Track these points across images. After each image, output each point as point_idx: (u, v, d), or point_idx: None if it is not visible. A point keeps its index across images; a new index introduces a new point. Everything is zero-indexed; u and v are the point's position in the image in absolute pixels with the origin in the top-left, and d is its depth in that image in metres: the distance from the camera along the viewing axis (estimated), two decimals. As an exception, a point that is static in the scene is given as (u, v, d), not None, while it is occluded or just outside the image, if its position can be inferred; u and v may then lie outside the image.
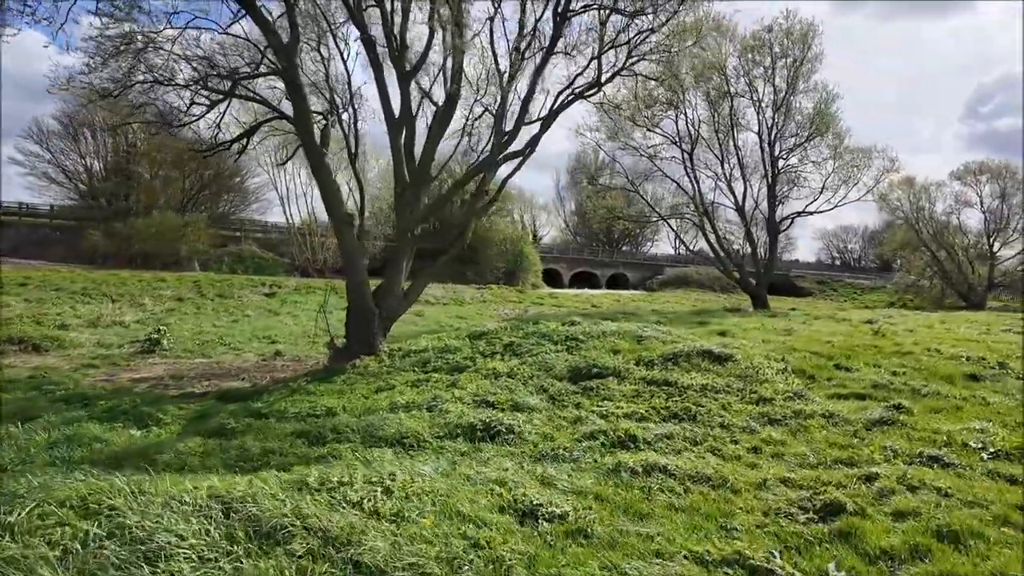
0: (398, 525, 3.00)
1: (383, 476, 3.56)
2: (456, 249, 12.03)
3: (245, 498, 2.81)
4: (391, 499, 3.29)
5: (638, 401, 7.36)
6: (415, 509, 3.26)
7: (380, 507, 3.13)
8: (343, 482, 3.35)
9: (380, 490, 3.34)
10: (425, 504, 3.37)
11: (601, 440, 5.88)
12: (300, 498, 3.02)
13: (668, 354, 9.15)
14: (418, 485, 3.61)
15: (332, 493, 3.21)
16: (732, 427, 6.29)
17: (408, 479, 3.66)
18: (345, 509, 3.02)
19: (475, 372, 9.20)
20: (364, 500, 3.16)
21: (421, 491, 3.54)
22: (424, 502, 3.39)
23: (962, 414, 6.78)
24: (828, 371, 8.71)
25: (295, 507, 2.84)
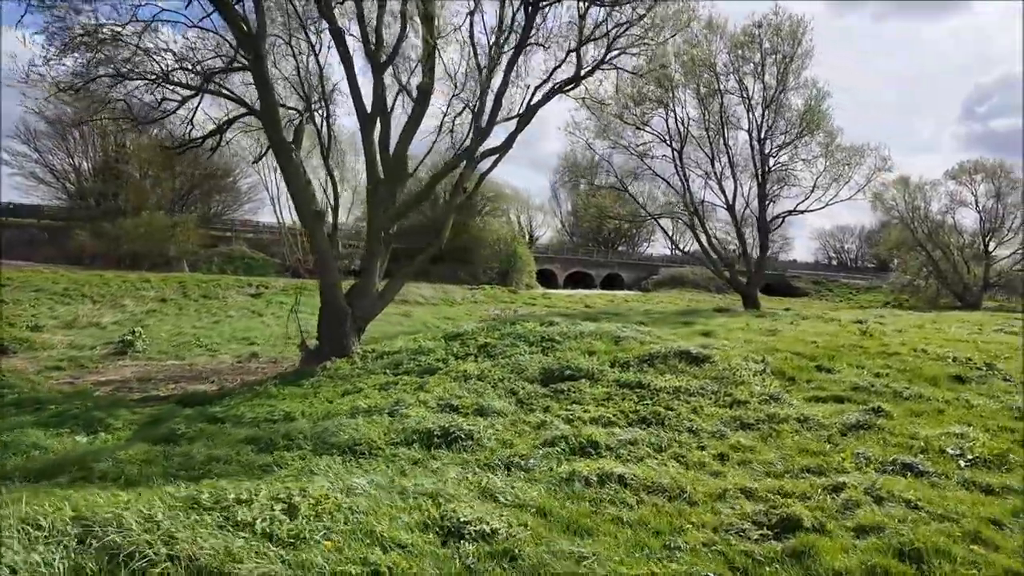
0: (291, 549, 2.70)
1: (292, 492, 3.25)
2: (435, 248, 11.73)
3: (110, 521, 2.51)
4: (295, 518, 2.99)
5: (608, 404, 7.07)
6: (321, 530, 2.96)
7: (276, 529, 2.83)
8: (241, 499, 3.04)
9: (281, 508, 3.04)
10: (336, 523, 3.07)
11: (561, 447, 5.58)
12: (184, 519, 2.72)
13: (644, 355, 8.86)
14: (333, 501, 3.31)
15: (225, 512, 2.90)
16: (701, 432, 5.99)
17: (324, 494, 3.36)
18: (232, 532, 2.72)
19: (445, 374, 8.91)
20: (258, 520, 2.85)
21: (335, 508, 3.24)
22: (335, 521, 3.09)
23: (943, 418, 6.49)
24: (808, 372, 8.43)
25: (167, 530, 2.54)
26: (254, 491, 3.15)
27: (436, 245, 11.65)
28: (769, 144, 20.81)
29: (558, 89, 11.41)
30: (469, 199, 47.56)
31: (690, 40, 20.70)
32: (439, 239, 11.58)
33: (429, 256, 11.70)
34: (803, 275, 63.77)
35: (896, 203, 44.37)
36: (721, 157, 21.83)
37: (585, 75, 11.27)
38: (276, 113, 9.65)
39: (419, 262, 11.51)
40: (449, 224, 11.73)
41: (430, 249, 11.65)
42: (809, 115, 20.11)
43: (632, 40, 11.22)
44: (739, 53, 19.96)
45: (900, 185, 45.13)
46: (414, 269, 11.70)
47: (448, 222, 11.65)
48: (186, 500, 2.98)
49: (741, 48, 19.80)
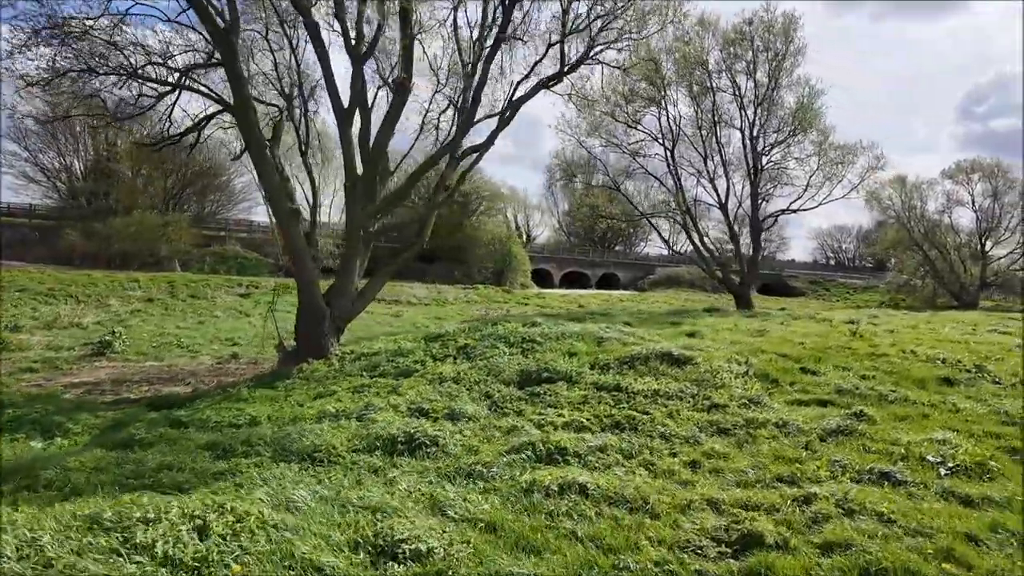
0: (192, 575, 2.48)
1: (209, 508, 3.03)
2: (417, 247, 11.51)
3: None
4: (206, 539, 2.77)
5: (583, 408, 6.84)
6: (234, 552, 2.73)
7: (180, 552, 2.60)
8: (147, 518, 2.81)
9: (191, 527, 2.81)
10: (255, 544, 2.84)
11: (528, 454, 5.35)
12: (75, 542, 2.50)
13: (625, 357, 8.64)
14: (257, 518, 3.08)
15: (126, 533, 2.68)
16: (674, 438, 5.77)
17: (247, 510, 3.13)
18: (126, 556, 2.49)
19: (421, 376, 8.68)
20: (159, 542, 2.63)
21: (259, 526, 3.02)
22: (255, 541, 2.87)
23: (928, 423, 6.27)
24: (793, 375, 8.20)
25: (46, 557, 2.32)
26: (164, 508, 2.92)
27: (419, 244, 11.42)
28: (762, 142, 20.62)
29: (542, 85, 11.18)
30: (464, 198, 47.57)
31: (681, 37, 20.50)
32: (421, 237, 11.35)
33: (412, 255, 11.49)
34: (800, 275, 63.62)
35: (893, 202, 44.18)
36: (714, 156, 21.65)
37: (568, 70, 11.04)
38: (250, 109, 9.42)
39: (401, 260, 11.31)
40: (431, 222, 11.50)
41: (413, 248, 11.43)
42: (801, 113, 19.88)
43: (616, 34, 10.99)
44: (731, 50, 19.74)
45: (897, 184, 44.96)
46: (395, 268, 11.48)
47: (430, 220, 11.42)
48: (86, 519, 2.75)
49: (733, 45, 19.57)
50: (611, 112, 20.63)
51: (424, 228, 11.38)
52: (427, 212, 11.44)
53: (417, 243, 11.36)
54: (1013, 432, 5.96)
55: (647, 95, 20.76)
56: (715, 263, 22.56)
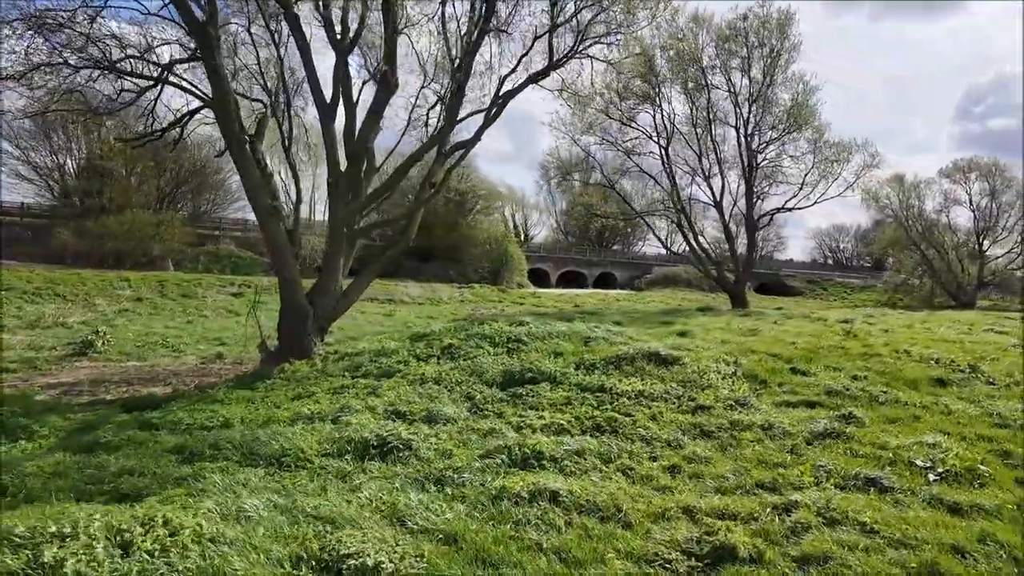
0: (101, 597, 2.29)
1: (135, 521, 2.82)
2: (402, 245, 11.30)
3: None
4: (128, 556, 2.57)
5: (565, 410, 6.65)
6: (160, 570, 2.53)
7: (92, 572, 2.41)
8: (62, 533, 2.62)
9: (110, 544, 2.61)
10: (184, 561, 2.64)
11: (503, 458, 5.16)
12: (-23, 560, 2.31)
13: (612, 357, 8.44)
14: (193, 531, 2.88)
15: (35, 551, 2.48)
16: (656, 441, 5.57)
17: (182, 523, 2.93)
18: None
19: (403, 377, 8.48)
20: (71, 561, 2.43)
21: (194, 540, 2.82)
22: (185, 558, 2.67)
23: (919, 425, 6.08)
24: (782, 375, 8.01)
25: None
26: (85, 522, 2.72)
27: (404, 241, 11.22)
28: (757, 140, 20.40)
29: (530, 79, 10.97)
30: (460, 197, 47.35)
31: (675, 34, 20.29)
32: (407, 235, 11.14)
33: (397, 253, 11.29)
34: (798, 274, 63.50)
35: (890, 201, 44.03)
36: (709, 154, 21.43)
37: (557, 64, 10.83)
38: (229, 104, 9.20)
39: (386, 259, 11.10)
40: (418, 219, 11.29)
41: (398, 245, 11.23)
42: (796, 110, 19.68)
43: (605, 28, 10.78)
44: (725, 47, 19.53)
45: (895, 183, 44.82)
46: (381, 266, 11.27)
47: (417, 217, 11.21)
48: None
49: (727, 42, 19.37)
50: (605, 109, 20.43)
51: (410, 225, 11.17)
52: (414, 209, 11.23)
53: (403, 241, 11.16)
54: (1006, 435, 5.77)
55: (641, 92, 20.55)
56: (710, 262, 22.36)
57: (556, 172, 21.63)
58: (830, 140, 20.42)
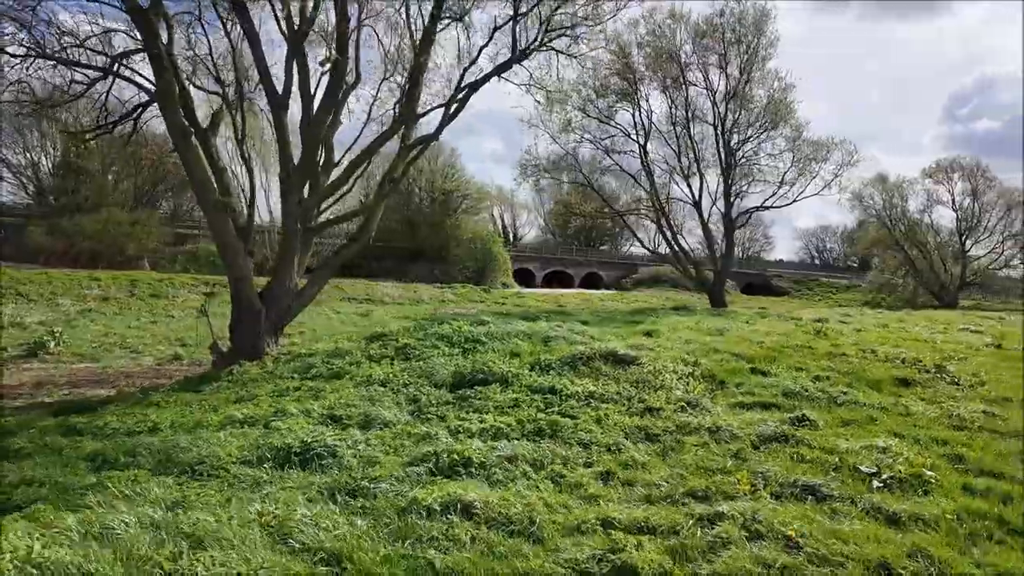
0: None
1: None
2: (361, 242, 10.94)
3: None
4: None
5: (511, 413, 6.34)
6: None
7: None
8: None
9: None
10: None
11: (429, 465, 4.84)
12: None
13: (568, 357, 8.17)
14: (14, 556, 2.55)
15: None
16: (595, 445, 5.28)
17: (12, 545, 2.60)
18: None
19: (351, 379, 8.15)
20: None
21: (12, 566, 2.49)
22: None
23: (874, 427, 5.84)
24: (742, 376, 7.76)
25: None
26: None
27: (363, 238, 10.86)
28: (735, 138, 20.21)
29: (494, 72, 10.66)
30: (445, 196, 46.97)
31: (653, 31, 20.10)
32: (366, 232, 10.79)
33: (355, 251, 10.94)
34: (784, 274, 63.70)
35: (874, 201, 44.24)
36: (688, 152, 21.24)
37: (521, 57, 10.52)
38: (172, 95, 8.82)
39: (344, 256, 10.75)
40: (378, 215, 10.94)
41: (356, 243, 10.87)
42: (773, 107, 19.52)
43: (570, 19, 10.49)
44: (702, 43, 19.34)
45: (878, 183, 45.04)
46: (338, 263, 10.93)
47: (376, 213, 10.86)
48: None
49: (703, 37, 19.18)
50: (583, 107, 20.18)
51: (369, 222, 10.82)
52: (373, 204, 10.88)
53: (361, 238, 10.80)
54: (962, 437, 5.55)
55: (619, 89, 20.32)
56: (689, 261, 22.16)
57: (534, 170, 21.31)
58: (808, 138, 20.30)
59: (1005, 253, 43.95)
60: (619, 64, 19.84)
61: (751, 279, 61.05)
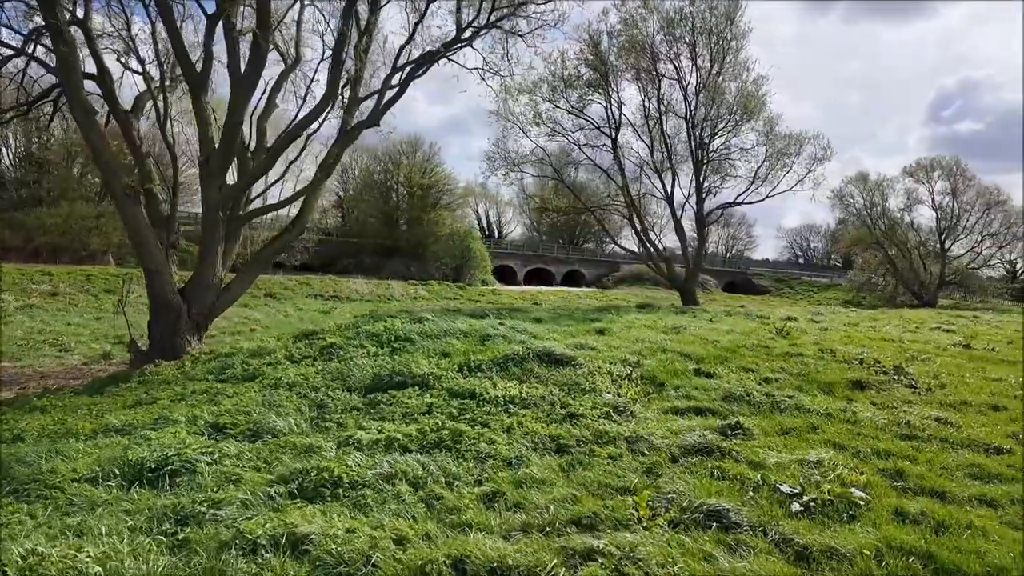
0: None
1: None
2: (296, 232, 10.23)
3: None
4: None
5: (420, 420, 5.70)
6: None
7: None
8: None
9: None
10: None
11: (295, 485, 4.20)
12: None
13: (501, 357, 7.54)
14: None
15: None
16: (494, 459, 4.65)
17: None
18: None
19: (261, 382, 7.48)
20: None
21: None
22: None
23: (814, 437, 5.26)
24: (684, 377, 7.17)
25: None
26: None
27: (297, 228, 10.16)
28: (707, 130, 19.61)
29: (437, 53, 9.97)
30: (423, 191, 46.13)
31: (625, 20, 19.49)
32: (300, 221, 10.08)
33: (288, 242, 10.24)
34: (766, 273, 63.63)
35: (854, 200, 44.10)
36: (661, 147, 20.63)
37: (465, 36, 9.85)
38: (76, 74, 8.07)
39: (277, 247, 10.05)
40: (314, 203, 10.27)
41: (290, 233, 10.15)
42: (744, 99, 18.97)
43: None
44: (672, 32, 18.74)
45: (859, 182, 44.91)
46: (271, 256, 10.23)
47: (312, 201, 10.17)
48: None
49: (673, 27, 18.58)
50: (551, 97, 19.54)
51: (304, 210, 10.12)
52: (309, 192, 10.17)
53: (295, 228, 10.09)
54: (907, 448, 4.99)
55: (589, 80, 19.69)
56: (661, 258, 21.61)
57: (503, 163, 20.62)
58: (781, 131, 19.80)
59: (984, 252, 44.07)
60: (589, 53, 19.23)
61: (733, 277, 60.88)
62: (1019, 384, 7.53)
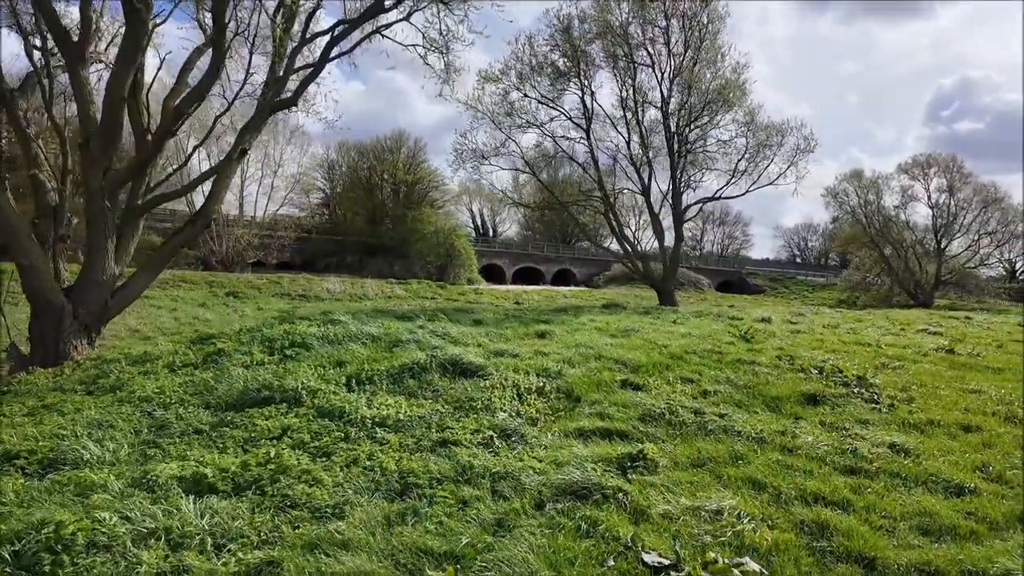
0: None
1: None
2: (200, 226, 9.21)
3: None
4: None
5: (256, 448, 4.68)
6: None
7: None
8: None
9: None
10: None
11: (17, 548, 3.17)
12: None
13: (400, 367, 6.54)
14: None
15: None
16: (301, 508, 3.63)
17: None
18: None
19: (116, 394, 6.46)
20: None
21: None
22: None
23: (731, 471, 4.23)
24: (606, 390, 6.13)
25: None
26: None
27: (202, 221, 9.13)
28: (683, 119, 18.50)
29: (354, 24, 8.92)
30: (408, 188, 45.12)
31: (600, 3, 18.41)
32: (205, 212, 9.06)
33: (192, 236, 9.23)
34: (761, 272, 62.56)
35: (848, 198, 43.00)
36: (636, 138, 19.58)
37: (389, 3, 8.79)
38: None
39: (179, 241, 9.04)
40: (221, 194, 9.23)
41: (193, 226, 9.13)
42: (720, 85, 17.85)
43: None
44: (642, 15, 17.63)
45: (853, 179, 43.80)
46: (173, 251, 9.21)
47: (220, 191, 9.14)
48: None
49: (644, 8, 17.48)
50: (519, 85, 18.49)
51: (211, 201, 9.09)
52: (218, 181, 9.14)
53: (200, 220, 9.07)
54: (845, 489, 3.96)
55: (561, 68, 18.62)
56: (637, 256, 20.54)
57: (471, 156, 19.57)
58: (762, 123, 18.70)
59: (981, 251, 42.98)
60: (559, 39, 18.19)
61: (727, 277, 59.78)
62: (998, 398, 6.50)
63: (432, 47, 10.68)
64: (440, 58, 10.62)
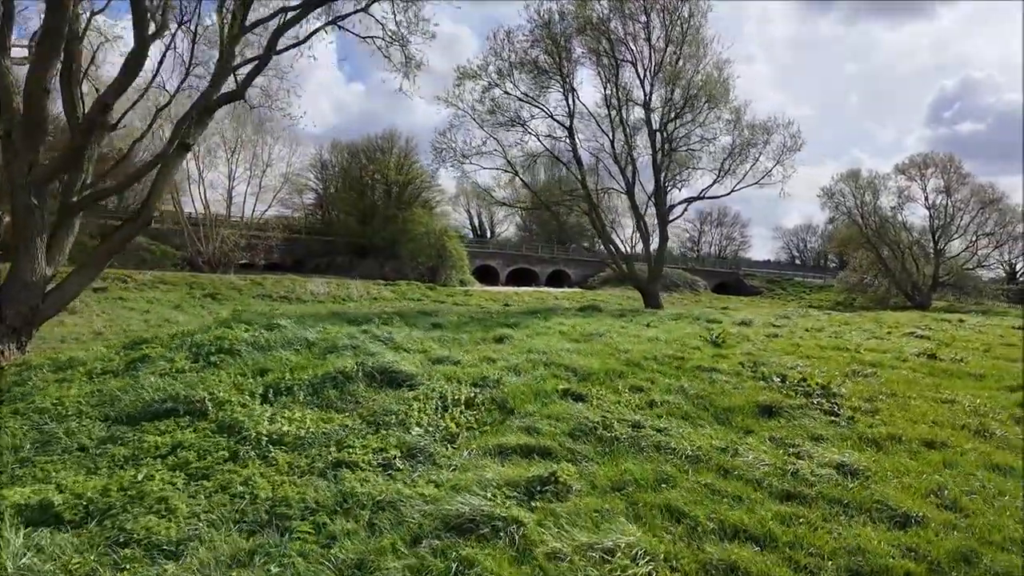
0: None
1: None
2: (142, 222, 8.76)
3: None
4: None
5: (136, 468, 4.22)
6: None
7: None
8: None
9: None
10: None
11: None
12: None
13: (323, 377, 6.10)
14: None
15: None
16: (136, 545, 3.16)
17: None
18: None
19: (15, 405, 6.00)
20: None
21: None
22: None
23: (651, 497, 3.76)
24: (543, 401, 5.66)
25: None
26: None
27: (144, 216, 8.69)
28: (665, 116, 18.03)
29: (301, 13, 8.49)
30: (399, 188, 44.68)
31: (583, 0, 17.95)
32: (147, 208, 8.62)
33: (134, 232, 8.78)
34: (758, 274, 61.99)
35: (844, 198, 42.48)
36: (623, 138, 19.07)
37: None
38: None
39: (120, 239, 8.57)
40: (164, 187, 8.81)
41: (134, 223, 8.69)
42: (703, 81, 17.37)
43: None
44: (624, 9, 17.15)
45: (850, 179, 43.28)
46: (114, 250, 8.76)
47: (162, 185, 8.71)
48: None
49: (624, 3, 16.99)
50: (499, 83, 18.03)
51: (152, 195, 8.65)
52: (160, 173, 8.69)
53: (142, 216, 8.63)
54: (774, 518, 3.49)
55: (542, 65, 18.17)
56: (622, 257, 20.06)
57: (451, 155, 19.13)
58: (748, 121, 18.22)
59: (979, 252, 42.42)
60: (539, 33, 17.73)
61: (724, 278, 59.22)
62: (971, 409, 6.02)
63: (392, 39, 10.24)
64: (400, 51, 10.18)
